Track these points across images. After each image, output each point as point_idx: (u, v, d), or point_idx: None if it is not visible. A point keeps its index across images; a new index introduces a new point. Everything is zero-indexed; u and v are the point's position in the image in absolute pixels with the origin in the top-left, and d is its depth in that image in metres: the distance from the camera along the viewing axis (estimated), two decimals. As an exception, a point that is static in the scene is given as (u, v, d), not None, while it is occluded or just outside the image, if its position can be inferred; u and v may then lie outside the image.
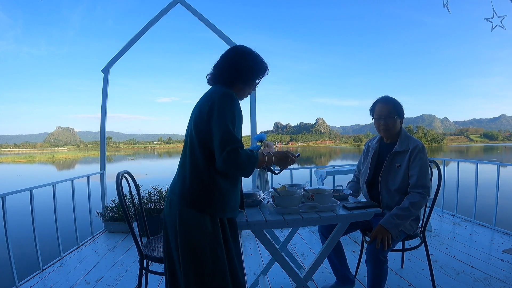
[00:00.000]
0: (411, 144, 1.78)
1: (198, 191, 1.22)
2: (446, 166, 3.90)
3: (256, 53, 1.37)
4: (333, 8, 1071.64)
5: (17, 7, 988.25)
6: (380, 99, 1.90)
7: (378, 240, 1.63)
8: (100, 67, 3.80)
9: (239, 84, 1.34)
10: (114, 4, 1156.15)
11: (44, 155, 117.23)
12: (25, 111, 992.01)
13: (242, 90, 1.37)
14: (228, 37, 3.58)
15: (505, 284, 2.06)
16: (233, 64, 1.32)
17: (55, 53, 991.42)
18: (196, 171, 1.23)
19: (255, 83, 1.41)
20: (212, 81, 1.37)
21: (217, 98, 1.21)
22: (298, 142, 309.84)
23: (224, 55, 1.36)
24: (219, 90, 1.26)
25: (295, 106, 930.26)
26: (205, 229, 1.21)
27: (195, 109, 1.29)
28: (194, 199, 1.22)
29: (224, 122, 1.17)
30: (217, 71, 1.35)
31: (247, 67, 1.32)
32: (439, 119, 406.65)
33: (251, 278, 2.27)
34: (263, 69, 1.38)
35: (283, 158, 1.39)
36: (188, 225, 1.22)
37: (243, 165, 1.18)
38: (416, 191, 1.71)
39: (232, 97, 1.23)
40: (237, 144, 1.16)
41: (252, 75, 1.35)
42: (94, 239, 3.26)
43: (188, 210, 1.22)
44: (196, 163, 1.23)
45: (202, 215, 1.21)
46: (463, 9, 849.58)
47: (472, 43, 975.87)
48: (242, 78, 1.33)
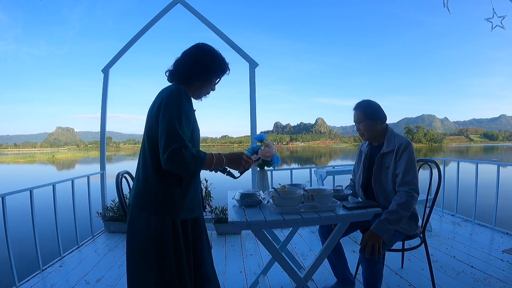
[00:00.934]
0: (397, 142, 1.78)
1: (148, 193, 1.19)
2: (446, 166, 3.90)
3: (217, 52, 1.35)
4: (333, 8, 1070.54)
5: (17, 7, 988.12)
6: (354, 106, 1.92)
7: (368, 248, 1.60)
8: (100, 67, 3.80)
9: (196, 82, 1.31)
10: (114, 4, 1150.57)
11: (44, 155, 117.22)
12: (25, 111, 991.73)
13: (199, 89, 1.34)
14: (228, 37, 3.58)
15: (505, 284, 2.06)
16: (192, 61, 1.29)
17: (55, 53, 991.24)
18: (146, 173, 1.20)
19: (214, 82, 1.38)
20: (171, 78, 1.33)
21: (165, 98, 1.17)
22: (298, 142, 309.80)
23: (184, 52, 1.33)
24: (168, 88, 1.23)
25: (295, 106, 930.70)
26: (154, 232, 1.17)
27: (149, 109, 1.26)
28: (143, 201, 1.20)
29: (170, 120, 1.13)
30: (176, 67, 1.31)
31: (206, 66, 1.30)
32: (439, 119, 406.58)
33: (251, 278, 2.27)
34: (223, 68, 1.36)
35: (236, 160, 1.29)
36: (137, 227, 1.20)
37: (187, 165, 1.13)
38: (402, 189, 1.69)
39: (181, 94, 1.19)
40: (181, 143, 1.11)
41: (210, 73, 1.33)
42: (94, 239, 3.26)
43: (137, 211, 1.20)
44: (146, 165, 1.21)
45: (151, 217, 1.18)
46: (463, 9, 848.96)
47: (472, 43, 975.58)
48: (199, 76, 1.30)
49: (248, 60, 3.60)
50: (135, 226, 1.21)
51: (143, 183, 1.21)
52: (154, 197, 1.19)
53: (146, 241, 1.18)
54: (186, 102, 1.20)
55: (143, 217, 1.19)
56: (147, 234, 1.18)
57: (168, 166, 1.12)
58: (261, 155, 1.77)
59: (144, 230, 1.19)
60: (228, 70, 1.39)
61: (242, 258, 2.68)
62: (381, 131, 1.86)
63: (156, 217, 1.18)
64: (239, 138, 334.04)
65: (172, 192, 1.21)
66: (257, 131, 3.61)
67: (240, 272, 2.40)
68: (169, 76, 1.33)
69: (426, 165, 2.08)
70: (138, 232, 1.20)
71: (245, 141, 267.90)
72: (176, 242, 1.21)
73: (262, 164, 1.83)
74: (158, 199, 1.19)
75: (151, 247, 1.18)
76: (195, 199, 1.30)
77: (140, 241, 1.20)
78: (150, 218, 1.18)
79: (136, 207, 1.21)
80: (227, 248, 2.96)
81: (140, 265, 1.19)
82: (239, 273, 2.39)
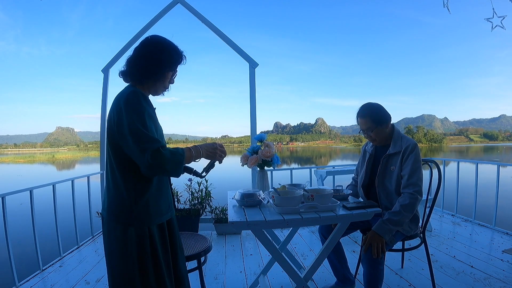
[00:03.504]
0: (404, 144, 1.77)
1: (120, 204, 1.16)
2: (446, 166, 3.90)
3: (167, 42, 1.23)
4: (333, 8, 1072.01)
5: (17, 7, 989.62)
6: (358, 112, 1.88)
7: (373, 249, 1.60)
8: (100, 67, 3.80)
9: (150, 79, 1.22)
10: (114, 4, 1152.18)
11: (44, 155, 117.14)
12: (25, 111, 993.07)
13: (154, 86, 1.25)
14: (228, 37, 3.58)
15: (505, 284, 2.06)
16: (140, 58, 1.20)
17: (55, 53, 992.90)
18: (116, 183, 1.16)
19: (170, 75, 1.27)
20: (124, 79, 1.25)
21: (123, 104, 1.11)
22: (298, 142, 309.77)
23: (135, 48, 1.23)
24: (124, 93, 1.16)
25: (295, 106, 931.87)
26: (132, 242, 1.14)
27: (108, 117, 1.20)
28: (117, 213, 1.16)
29: (135, 126, 1.08)
30: (128, 67, 1.22)
31: (155, 60, 1.19)
32: (439, 119, 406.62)
33: (251, 278, 2.27)
34: (176, 60, 1.24)
35: (211, 150, 1.26)
36: (115, 240, 1.16)
37: (170, 165, 1.09)
38: (407, 191, 1.69)
39: (137, 97, 1.13)
40: (156, 144, 1.08)
41: (162, 68, 1.21)
42: (94, 239, 3.26)
43: (113, 225, 1.16)
44: (113, 174, 1.16)
45: (128, 228, 1.15)
46: (463, 9, 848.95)
47: (472, 43, 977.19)
48: (151, 73, 1.20)
49: (248, 60, 3.60)
50: (113, 240, 1.16)
51: (114, 194, 1.17)
52: (127, 207, 1.15)
53: (127, 254, 1.14)
54: (145, 103, 1.14)
55: (119, 229, 1.15)
56: (127, 246, 1.14)
57: (150, 171, 1.08)
58: (261, 155, 1.77)
59: (123, 243, 1.15)
60: (182, 59, 1.27)
61: (242, 258, 2.68)
62: (388, 132, 1.85)
63: (132, 227, 1.15)
64: (239, 138, 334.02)
65: (145, 199, 1.16)
66: (257, 131, 3.61)
67: (240, 272, 2.40)
68: (123, 77, 1.25)
69: (426, 165, 2.07)
70: (118, 246, 1.16)
71: (245, 141, 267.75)
72: (153, 249, 1.18)
73: (262, 164, 1.83)
74: (131, 209, 1.15)
75: (131, 260, 1.14)
76: (167, 201, 1.27)
77: (121, 255, 1.15)
78: (127, 229, 1.15)
79: (112, 220, 1.17)
80: (227, 248, 2.96)
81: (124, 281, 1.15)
82: (239, 273, 2.39)
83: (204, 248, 1.67)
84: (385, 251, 1.63)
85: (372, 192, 1.89)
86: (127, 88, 1.20)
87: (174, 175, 1.15)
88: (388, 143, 1.85)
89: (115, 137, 1.13)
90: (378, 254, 1.59)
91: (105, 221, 1.20)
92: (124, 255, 1.14)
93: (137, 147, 1.07)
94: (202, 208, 3.39)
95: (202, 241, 1.75)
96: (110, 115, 1.17)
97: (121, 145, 1.12)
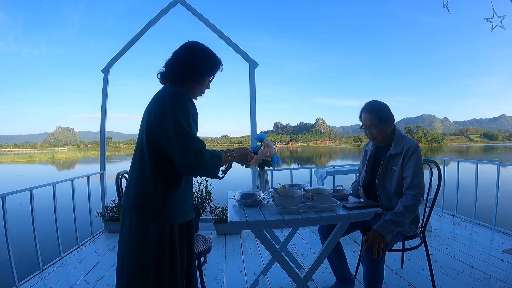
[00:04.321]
0: (405, 145, 1.76)
1: (146, 199, 1.18)
2: (446, 166, 3.90)
3: (207, 49, 1.30)
4: (333, 8, 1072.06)
5: (17, 7, 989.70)
6: (364, 107, 1.86)
7: (374, 249, 1.60)
8: (100, 67, 3.80)
9: (189, 83, 1.28)
10: (114, 4, 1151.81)
11: (44, 155, 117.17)
12: (25, 111, 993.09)
13: (193, 89, 1.30)
14: (228, 37, 3.58)
15: (505, 284, 2.06)
16: (182, 62, 1.25)
17: (55, 53, 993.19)
18: (144, 179, 1.18)
19: (208, 81, 1.34)
20: (163, 80, 1.30)
21: (168, 101, 1.15)
22: (298, 142, 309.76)
23: (175, 52, 1.29)
24: (169, 91, 1.20)
25: (295, 106, 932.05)
26: (152, 238, 1.17)
27: (146, 112, 1.22)
28: (142, 208, 1.18)
29: (180, 124, 1.11)
30: (167, 69, 1.28)
31: (196, 65, 1.25)
32: (439, 119, 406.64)
33: (251, 278, 2.27)
34: (215, 66, 1.32)
35: (243, 155, 1.35)
36: (136, 234, 1.18)
37: (209, 167, 1.14)
38: (410, 192, 1.68)
39: (184, 96, 1.18)
40: (199, 145, 1.12)
41: (202, 73, 1.28)
42: (94, 239, 3.26)
43: (137, 219, 1.18)
44: (144, 170, 1.18)
45: (150, 223, 1.17)
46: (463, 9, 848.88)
47: (472, 43, 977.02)
48: (192, 77, 1.26)
49: (248, 60, 3.60)
50: (134, 233, 1.18)
51: (141, 189, 1.19)
52: (153, 203, 1.17)
53: (146, 249, 1.17)
54: (190, 104, 1.19)
55: (142, 223, 1.17)
56: (147, 241, 1.17)
57: (188, 169, 1.11)
58: (261, 155, 1.77)
59: (143, 238, 1.17)
60: (220, 66, 1.34)
61: (242, 258, 2.68)
62: (390, 132, 1.83)
63: (155, 224, 1.17)
64: (239, 138, 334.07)
65: (172, 197, 1.20)
66: (257, 131, 3.61)
67: (240, 272, 2.40)
68: (161, 78, 1.30)
69: (426, 165, 2.07)
70: (138, 240, 1.18)
71: (245, 141, 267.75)
72: (172, 247, 1.20)
73: (262, 164, 1.83)
74: (157, 205, 1.17)
75: (150, 255, 1.17)
76: (190, 201, 1.31)
77: (139, 250, 1.17)
78: (149, 225, 1.17)
79: (134, 213, 1.19)
80: (227, 248, 2.96)
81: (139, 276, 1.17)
82: (239, 273, 2.39)
83: (204, 248, 1.67)
84: (386, 251, 1.63)
85: (372, 192, 1.88)
86: (169, 88, 1.23)
87: (209, 176, 1.20)
88: (389, 143, 1.84)
89: (153, 133, 1.16)
90: (378, 254, 1.59)
91: (127, 214, 1.21)
92: (142, 249, 1.17)
93: (179, 145, 1.09)
94: (202, 208, 3.39)
95: (202, 241, 1.75)
96: (150, 111, 1.20)
97: (159, 142, 1.15)
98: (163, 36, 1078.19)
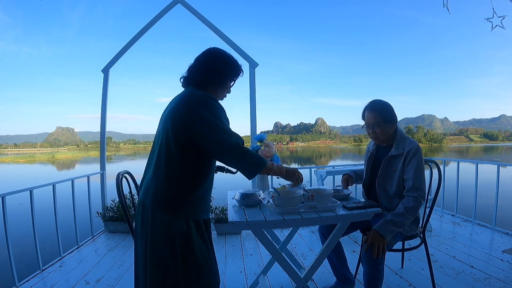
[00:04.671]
0: (406, 146, 1.75)
1: (174, 194, 1.20)
2: (446, 166, 3.90)
3: (229, 56, 1.38)
4: (333, 7, 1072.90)
5: (17, 7, 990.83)
6: (367, 106, 1.85)
7: (374, 249, 1.59)
8: (100, 67, 3.80)
9: (212, 87, 1.34)
10: (114, 4, 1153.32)
11: (44, 155, 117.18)
12: (25, 111, 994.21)
13: (215, 93, 1.36)
14: (228, 37, 3.58)
15: (505, 284, 2.06)
16: (205, 67, 1.31)
17: (55, 53, 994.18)
18: (173, 175, 1.20)
19: (229, 86, 1.42)
20: (186, 84, 1.36)
21: (200, 102, 1.20)
22: (298, 142, 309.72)
23: (198, 58, 1.36)
24: (196, 93, 1.25)
25: (295, 106, 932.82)
26: (179, 232, 1.19)
27: (170, 112, 1.25)
28: (169, 203, 1.19)
29: (221, 122, 1.20)
30: (191, 73, 1.34)
31: (219, 71, 1.32)
32: (439, 119, 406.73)
33: (251, 278, 2.27)
34: (236, 72, 1.39)
35: (291, 172, 1.45)
36: (161, 229, 1.19)
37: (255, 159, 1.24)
38: (411, 194, 1.68)
39: (212, 98, 1.25)
40: (239, 139, 1.21)
41: (224, 78, 1.36)
42: (94, 239, 3.26)
43: (161, 214, 1.19)
44: (173, 167, 1.20)
45: (177, 218, 1.19)
46: (463, 9, 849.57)
47: (472, 43, 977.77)
48: (214, 82, 1.33)
49: (248, 60, 3.60)
50: (158, 229, 1.19)
51: (166, 185, 1.20)
52: (179, 199, 1.20)
53: (172, 245, 1.18)
54: (220, 105, 1.26)
55: (166, 219, 1.19)
56: (173, 236, 1.18)
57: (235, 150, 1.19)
58: (261, 155, 1.77)
59: (168, 233, 1.18)
60: (241, 72, 1.42)
61: (242, 258, 2.68)
62: (392, 133, 1.83)
63: (181, 219, 1.20)
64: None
65: (197, 194, 1.23)
66: (257, 131, 3.61)
67: (240, 272, 2.41)
68: (184, 82, 1.36)
69: (426, 165, 2.07)
70: (162, 236, 1.18)
71: (245, 141, 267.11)
72: (203, 240, 1.25)
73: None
74: (182, 201, 1.20)
75: (174, 250, 1.18)
76: (209, 201, 1.36)
77: (165, 246, 1.18)
78: (174, 220, 1.19)
79: (157, 209, 1.19)
80: (227, 248, 2.96)
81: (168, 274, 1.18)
82: (239, 273, 2.39)
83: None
84: (386, 251, 1.63)
85: (372, 192, 1.88)
86: (194, 90, 1.28)
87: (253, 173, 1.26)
88: (390, 144, 1.84)
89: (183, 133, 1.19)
90: (378, 254, 1.59)
91: (148, 209, 1.21)
92: (168, 245, 1.18)
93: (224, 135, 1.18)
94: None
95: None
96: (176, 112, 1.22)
97: (195, 141, 1.19)
98: (163, 36, 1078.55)
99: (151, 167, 1.26)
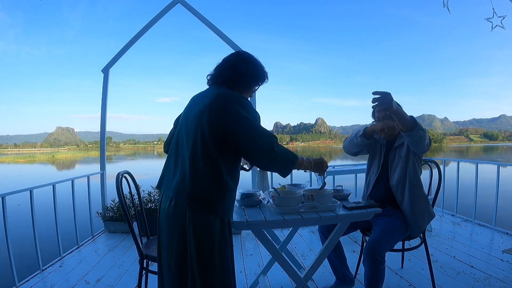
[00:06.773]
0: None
1: (212, 193, 1.21)
2: (446, 166, 3.90)
3: (257, 60, 1.39)
4: (333, 7, 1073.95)
5: (17, 7, 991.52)
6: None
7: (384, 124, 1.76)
8: (100, 67, 3.80)
9: (239, 89, 1.35)
10: (114, 4, 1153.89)
11: (44, 155, 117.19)
12: (25, 111, 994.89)
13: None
14: (228, 37, 3.58)
15: (505, 284, 2.06)
16: (234, 68, 1.33)
17: (55, 53, 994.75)
18: (211, 174, 1.21)
19: (254, 90, 1.44)
20: (212, 82, 1.38)
21: (236, 103, 1.21)
22: (298, 142, 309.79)
23: (226, 58, 1.37)
24: (229, 93, 1.25)
25: (295, 106, 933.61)
26: (216, 231, 1.21)
27: (204, 110, 1.22)
28: (207, 202, 1.20)
29: (257, 121, 1.23)
30: (218, 72, 1.35)
31: (247, 74, 1.34)
32: (439, 119, 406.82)
33: (251, 278, 2.27)
34: (262, 77, 1.41)
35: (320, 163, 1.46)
36: (200, 227, 1.19)
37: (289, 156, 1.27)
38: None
39: (247, 99, 1.27)
40: (275, 139, 1.24)
41: (251, 81, 1.37)
42: (94, 239, 3.26)
43: (199, 213, 1.20)
44: (210, 166, 1.21)
45: (213, 217, 1.21)
46: (463, 9, 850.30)
47: (472, 42, 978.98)
48: (241, 83, 1.34)
49: (248, 60, 3.59)
50: (200, 228, 1.20)
51: (204, 182, 1.20)
52: (215, 199, 1.21)
53: (212, 244, 1.20)
54: (252, 106, 1.29)
55: (203, 217, 1.20)
56: (212, 236, 1.20)
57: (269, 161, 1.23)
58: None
59: (210, 232, 1.20)
60: (267, 78, 1.43)
61: (242, 258, 2.68)
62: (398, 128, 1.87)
63: (217, 218, 1.22)
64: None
65: (229, 193, 1.25)
66: (257, 131, 3.60)
67: (240, 272, 2.40)
68: (210, 79, 1.38)
69: (426, 165, 2.07)
70: (206, 236, 1.20)
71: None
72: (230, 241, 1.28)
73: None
74: (218, 201, 1.22)
75: (215, 250, 1.20)
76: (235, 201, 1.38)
77: (211, 246, 1.20)
78: (211, 219, 1.20)
79: (196, 207, 1.19)
80: (227, 248, 2.95)
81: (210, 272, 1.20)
82: (239, 273, 2.39)
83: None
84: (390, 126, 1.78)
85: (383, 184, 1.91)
86: (226, 90, 1.29)
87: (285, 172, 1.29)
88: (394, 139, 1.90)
89: (219, 130, 1.20)
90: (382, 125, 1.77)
91: (185, 207, 1.20)
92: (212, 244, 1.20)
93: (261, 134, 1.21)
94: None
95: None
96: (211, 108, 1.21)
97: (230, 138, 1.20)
98: (163, 36, 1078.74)
99: (179, 165, 1.26)
